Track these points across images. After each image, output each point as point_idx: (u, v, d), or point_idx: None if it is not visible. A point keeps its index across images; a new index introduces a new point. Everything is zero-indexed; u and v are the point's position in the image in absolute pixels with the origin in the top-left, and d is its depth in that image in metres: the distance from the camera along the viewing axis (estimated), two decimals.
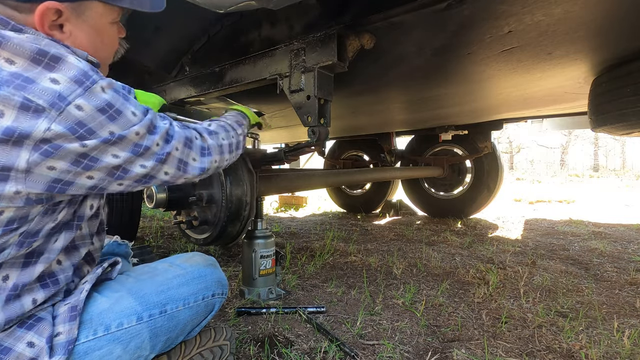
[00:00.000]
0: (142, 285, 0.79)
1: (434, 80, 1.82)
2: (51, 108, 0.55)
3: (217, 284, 0.91)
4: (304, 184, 2.15)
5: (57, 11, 0.65)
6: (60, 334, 0.64)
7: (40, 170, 0.56)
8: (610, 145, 26.57)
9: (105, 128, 0.61)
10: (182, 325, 0.82)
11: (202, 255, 0.96)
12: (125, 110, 0.64)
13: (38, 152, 0.55)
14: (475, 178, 3.65)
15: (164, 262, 0.91)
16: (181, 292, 0.82)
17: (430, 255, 2.28)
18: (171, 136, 0.74)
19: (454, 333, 1.27)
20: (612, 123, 1.55)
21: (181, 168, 0.77)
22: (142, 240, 2.72)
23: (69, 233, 0.69)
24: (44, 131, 0.54)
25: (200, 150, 0.82)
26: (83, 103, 0.58)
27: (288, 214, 4.41)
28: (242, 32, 1.59)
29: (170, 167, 0.74)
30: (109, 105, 0.61)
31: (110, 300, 0.73)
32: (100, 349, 0.68)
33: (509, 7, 1.07)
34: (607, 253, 2.37)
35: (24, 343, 0.61)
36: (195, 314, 0.85)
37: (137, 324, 0.73)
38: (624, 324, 1.34)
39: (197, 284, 0.86)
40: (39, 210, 0.61)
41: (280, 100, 2.01)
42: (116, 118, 0.62)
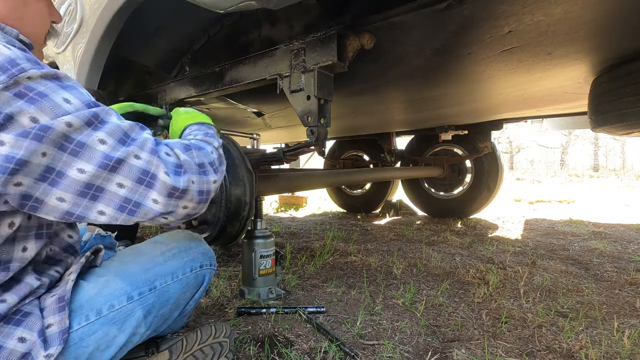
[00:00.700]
0: (127, 266, 0.79)
1: (434, 80, 1.82)
2: None
3: (204, 255, 0.91)
4: (303, 184, 2.15)
5: None
6: (51, 325, 0.64)
7: None
8: (610, 145, 26.57)
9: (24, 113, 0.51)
10: (174, 299, 0.82)
11: (185, 231, 0.97)
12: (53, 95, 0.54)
13: None
14: (475, 178, 3.65)
15: (148, 242, 0.91)
16: (168, 266, 0.82)
17: (430, 255, 2.28)
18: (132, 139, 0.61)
19: (454, 333, 1.27)
20: (612, 123, 1.55)
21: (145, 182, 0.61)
22: (142, 240, 2.72)
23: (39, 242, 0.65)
24: None
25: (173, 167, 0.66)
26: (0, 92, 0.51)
27: (288, 214, 4.41)
28: (242, 32, 1.59)
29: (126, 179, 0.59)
30: (30, 89, 0.53)
31: (97, 285, 0.72)
32: (95, 332, 0.68)
33: (509, 7, 1.07)
34: (607, 253, 2.37)
35: (14, 339, 0.60)
36: (185, 287, 0.85)
37: (128, 303, 0.73)
38: (624, 324, 1.34)
39: (183, 257, 0.86)
40: None
41: (280, 100, 2.01)
42: (38, 101, 0.53)
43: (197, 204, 0.70)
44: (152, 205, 0.63)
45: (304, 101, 1.31)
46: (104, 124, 0.58)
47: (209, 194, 0.72)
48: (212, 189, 0.73)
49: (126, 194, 0.60)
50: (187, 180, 0.67)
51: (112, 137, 0.58)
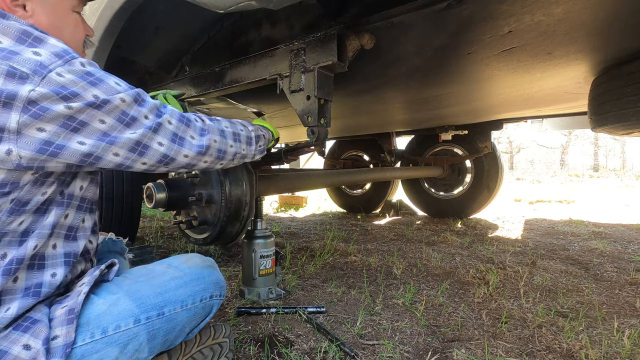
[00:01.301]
0: (139, 287, 0.78)
1: (434, 80, 1.82)
2: (34, 74, 0.60)
3: (215, 285, 0.90)
4: (304, 184, 2.15)
5: None
6: (57, 337, 0.64)
7: (31, 132, 0.60)
8: (610, 145, 26.57)
9: (88, 91, 0.64)
10: (180, 327, 0.82)
11: (200, 256, 0.96)
12: (107, 79, 0.68)
13: (27, 113, 0.59)
14: (475, 178, 3.65)
15: (161, 263, 0.90)
16: (179, 294, 0.82)
17: (430, 255, 2.28)
18: (162, 112, 0.77)
19: (454, 333, 1.27)
20: (612, 123, 1.55)
21: (176, 141, 0.78)
22: (142, 240, 2.72)
23: (59, 209, 0.71)
24: (29, 92, 0.59)
25: (199, 131, 0.84)
26: (63, 71, 0.63)
27: (288, 214, 4.41)
28: (242, 32, 1.59)
29: (164, 139, 0.76)
30: (89, 74, 0.66)
31: (107, 303, 0.72)
32: (97, 352, 0.67)
33: (509, 7, 1.07)
34: (607, 253, 2.37)
35: (19, 346, 0.61)
36: (193, 316, 0.85)
37: (134, 326, 0.73)
38: (624, 324, 1.34)
39: (195, 286, 0.85)
40: (30, 179, 0.64)
41: (280, 100, 2.01)
42: (97, 84, 0.66)
43: (215, 159, 0.89)
44: (182, 159, 0.81)
45: (304, 101, 1.31)
46: (145, 102, 0.74)
47: (225, 153, 0.92)
48: (228, 151, 0.92)
49: (165, 150, 0.77)
50: (209, 139, 0.86)
51: (152, 113, 0.74)
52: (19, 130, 0.59)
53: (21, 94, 0.58)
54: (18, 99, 0.58)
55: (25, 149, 0.60)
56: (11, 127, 0.58)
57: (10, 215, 0.63)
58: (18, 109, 0.58)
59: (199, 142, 0.83)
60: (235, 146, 0.95)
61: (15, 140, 0.59)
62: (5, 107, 0.58)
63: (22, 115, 0.58)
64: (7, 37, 0.63)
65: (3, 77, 0.58)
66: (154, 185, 1.40)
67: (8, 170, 0.61)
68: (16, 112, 0.58)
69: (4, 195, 0.62)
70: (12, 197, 0.63)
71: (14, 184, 0.62)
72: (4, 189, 0.61)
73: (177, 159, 0.80)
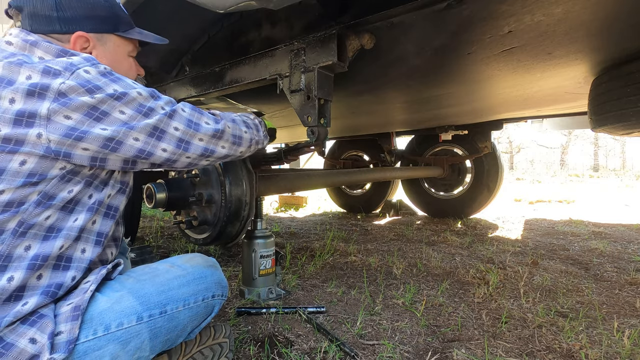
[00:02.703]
0: (142, 285, 0.79)
1: (434, 80, 1.82)
2: (65, 71, 0.69)
3: (218, 285, 0.91)
4: (304, 184, 2.15)
5: (86, 40, 0.84)
6: (61, 332, 0.65)
7: (59, 119, 0.66)
8: (610, 145, 26.57)
9: (109, 86, 0.73)
10: (182, 326, 0.82)
11: (202, 256, 0.96)
12: (125, 79, 0.77)
13: (57, 102, 0.66)
14: (475, 178, 3.65)
15: (164, 262, 0.91)
16: (181, 292, 0.82)
17: (430, 255, 2.28)
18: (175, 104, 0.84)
19: (454, 333, 1.27)
20: (612, 123, 1.55)
21: (192, 126, 0.84)
22: (142, 240, 2.72)
23: (89, 214, 0.75)
24: (60, 84, 0.67)
25: (212, 118, 0.91)
26: (90, 69, 0.72)
27: (288, 214, 4.41)
28: (242, 32, 1.59)
29: (180, 124, 0.81)
30: (110, 73, 0.75)
31: (111, 300, 0.73)
32: (99, 348, 0.68)
33: (509, 7, 1.07)
34: (607, 253, 2.37)
35: (26, 339, 0.62)
36: (195, 315, 0.85)
37: (137, 324, 0.73)
38: (624, 324, 1.34)
39: (197, 285, 0.86)
40: (57, 174, 0.69)
41: (280, 100, 2.01)
42: (117, 81, 0.74)
43: (232, 145, 0.95)
44: (199, 143, 0.86)
45: (304, 101, 1.31)
46: (160, 97, 0.81)
47: (241, 139, 0.98)
48: (243, 136, 0.99)
49: (181, 135, 0.82)
50: (224, 124, 0.92)
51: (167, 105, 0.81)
52: (49, 117, 0.65)
53: (53, 86, 0.66)
54: (50, 90, 0.66)
55: (54, 133, 0.66)
56: (42, 113, 0.65)
57: (37, 207, 0.67)
58: (50, 99, 0.66)
59: (214, 126, 0.89)
60: (249, 132, 1.02)
61: (45, 125, 0.65)
62: (39, 97, 0.65)
63: (53, 103, 0.66)
64: (49, 54, 0.75)
65: (40, 73, 0.67)
66: (154, 185, 1.40)
67: (39, 158, 0.66)
68: (48, 101, 0.66)
69: (32, 185, 0.66)
70: (39, 189, 0.67)
71: (42, 175, 0.67)
72: (33, 178, 0.66)
73: (193, 143, 0.84)
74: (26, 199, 0.66)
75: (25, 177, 0.65)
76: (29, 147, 0.65)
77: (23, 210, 0.65)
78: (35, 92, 0.65)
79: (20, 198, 0.65)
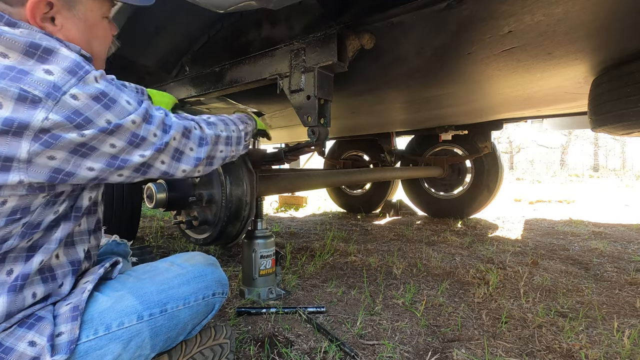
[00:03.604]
0: (143, 284, 0.79)
1: (434, 80, 1.82)
2: (47, 98, 0.56)
3: (218, 283, 0.91)
4: (304, 184, 2.15)
5: (49, 4, 0.67)
6: (62, 333, 0.65)
7: (41, 160, 0.58)
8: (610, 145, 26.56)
9: (102, 116, 0.62)
10: (182, 324, 0.82)
11: (202, 254, 0.96)
12: (120, 99, 0.66)
13: (38, 142, 0.56)
14: (475, 178, 3.65)
15: (164, 261, 0.91)
16: (182, 291, 0.82)
17: (430, 255, 2.28)
18: (169, 126, 0.77)
19: (454, 333, 1.27)
20: (612, 123, 1.55)
21: (176, 157, 0.79)
22: (142, 240, 2.72)
23: (68, 224, 0.71)
24: (42, 120, 0.56)
25: (198, 140, 0.85)
26: (78, 92, 0.60)
27: (288, 214, 4.41)
28: (242, 32, 1.59)
29: (167, 156, 0.77)
30: (103, 94, 0.63)
31: (111, 300, 0.73)
32: (100, 348, 0.68)
33: (509, 7, 1.07)
34: (607, 253, 2.37)
35: (25, 342, 0.61)
36: (195, 313, 0.85)
37: (137, 323, 0.73)
38: (624, 324, 1.34)
39: (197, 283, 0.86)
40: (41, 202, 0.63)
41: (280, 100, 2.01)
42: (111, 106, 0.64)
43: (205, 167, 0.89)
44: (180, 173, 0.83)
45: (304, 101, 1.31)
46: (152, 118, 0.73)
47: (214, 159, 0.91)
48: (217, 156, 0.92)
49: (165, 169, 0.78)
50: (207, 150, 0.87)
51: (159, 129, 0.74)
52: (29, 160, 0.57)
53: (33, 124, 0.55)
54: (30, 129, 0.55)
55: (36, 177, 0.58)
56: (21, 157, 0.56)
57: (22, 239, 0.63)
58: (29, 138, 0.55)
59: (196, 154, 0.84)
60: (226, 150, 0.96)
61: (26, 169, 0.57)
62: (16, 136, 0.55)
63: (33, 144, 0.56)
64: (14, 51, 0.58)
65: (14, 102, 0.54)
66: (154, 185, 1.40)
67: (19, 197, 0.59)
68: (27, 141, 0.55)
69: (16, 221, 0.60)
70: (23, 222, 0.62)
71: (25, 210, 0.61)
72: (15, 215, 0.60)
73: (175, 174, 0.82)
74: (10, 235, 0.61)
75: (6, 217, 0.59)
76: (8, 191, 0.58)
77: (7, 246, 0.61)
78: (10, 132, 0.54)
79: (3, 235, 0.60)
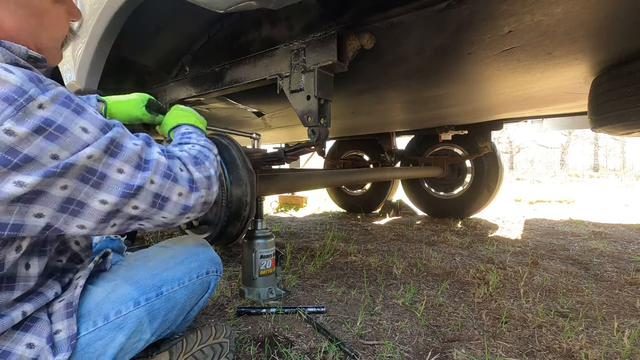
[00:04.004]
0: (136, 270, 0.79)
1: (434, 80, 1.82)
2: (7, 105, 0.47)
3: (211, 261, 0.91)
4: (304, 184, 2.15)
5: None
6: (59, 331, 0.64)
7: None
8: (610, 145, 26.57)
9: (45, 152, 0.50)
10: (180, 305, 0.83)
11: (193, 236, 0.97)
12: (72, 126, 0.53)
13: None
14: (475, 178, 3.65)
15: (155, 246, 0.92)
16: (175, 272, 0.83)
17: (430, 255, 2.28)
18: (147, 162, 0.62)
19: (454, 333, 1.27)
20: (612, 123, 1.55)
21: (157, 204, 0.64)
22: (142, 240, 2.72)
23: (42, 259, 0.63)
24: None
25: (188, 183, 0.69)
26: (13, 126, 0.48)
27: (288, 214, 4.41)
28: (242, 32, 1.59)
29: (142, 203, 0.62)
30: (48, 123, 0.50)
31: (106, 290, 0.73)
32: (101, 338, 0.68)
33: (509, 7, 1.07)
34: (607, 253, 2.37)
35: (22, 345, 0.60)
36: (191, 293, 0.85)
37: (135, 309, 0.73)
38: (624, 324, 1.34)
39: (190, 263, 0.86)
40: None
41: (280, 100, 2.01)
42: (59, 137, 0.51)
43: (198, 213, 0.74)
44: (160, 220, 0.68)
45: (304, 101, 1.31)
46: (121, 148, 0.59)
47: (209, 204, 0.76)
48: (212, 200, 0.77)
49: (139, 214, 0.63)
50: (198, 197, 0.71)
51: (129, 164, 0.59)
52: None
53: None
54: None
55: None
56: None
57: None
58: None
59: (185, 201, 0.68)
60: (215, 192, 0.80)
61: None
62: None
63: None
64: None
65: None
66: None
67: None
68: None
69: None
70: None
71: None
72: None
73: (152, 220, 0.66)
74: None
75: None
76: None
77: None
78: None
79: None
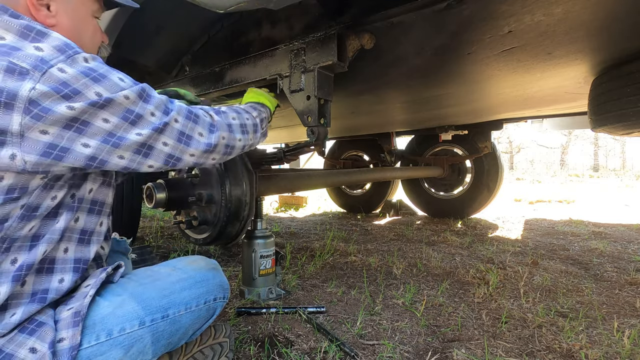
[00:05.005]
0: (144, 289, 0.78)
1: (434, 80, 1.82)
2: (34, 70, 0.58)
3: (219, 288, 0.90)
4: (304, 184, 2.15)
5: None
6: (63, 339, 0.64)
7: (34, 135, 0.58)
8: (610, 145, 26.56)
9: (90, 89, 0.62)
10: (184, 329, 0.82)
11: (204, 258, 0.96)
12: (111, 75, 0.66)
13: (29, 115, 0.57)
14: (475, 178, 3.65)
15: (166, 265, 0.90)
16: (183, 296, 0.82)
17: (430, 255, 2.27)
18: (169, 108, 0.74)
19: (454, 333, 1.27)
20: (612, 123, 1.55)
21: (183, 141, 0.76)
22: (142, 240, 2.72)
23: (70, 213, 0.70)
24: (29, 90, 0.56)
25: (208, 127, 0.82)
26: (65, 67, 0.61)
27: (288, 214, 4.41)
28: (242, 32, 1.59)
29: (170, 139, 0.73)
30: (92, 70, 0.64)
31: (113, 305, 0.72)
32: (102, 354, 0.67)
33: (509, 7, 1.07)
34: (607, 253, 2.37)
35: (26, 349, 0.60)
36: (196, 318, 0.85)
37: (139, 328, 0.73)
38: (624, 324, 1.34)
39: (199, 288, 0.85)
40: (39, 184, 0.63)
41: (280, 100, 2.01)
42: (100, 80, 0.64)
43: (222, 155, 0.87)
44: (190, 159, 0.79)
45: (304, 101, 1.31)
46: (150, 97, 0.71)
47: (233, 149, 0.90)
48: (236, 146, 0.90)
49: (170, 151, 0.74)
50: (219, 136, 0.83)
51: (158, 109, 0.72)
52: (22, 133, 0.57)
53: (22, 94, 0.56)
54: (19, 99, 0.56)
55: (30, 152, 0.58)
56: (14, 129, 0.56)
57: (21, 222, 0.62)
58: (19, 110, 0.56)
59: (207, 139, 0.81)
60: (244, 139, 0.93)
61: (19, 143, 0.57)
62: (7, 108, 0.56)
63: (24, 116, 0.56)
64: (10, 32, 0.62)
65: (2, 73, 0.56)
66: (154, 185, 1.40)
67: (16, 175, 0.59)
68: (18, 114, 0.56)
69: (13, 200, 0.60)
70: (22, 203, 0.61)
71: (23, 189, 0.61)
72: (13, 194, 0.60)
73: (183, 159, 0.77)
74: (9, 215, 0.61)
75: (4, 194, 0.59)
76: (4, 166, 0.58)
77: (7, 227, 0.61)
78: (1, 104, 0.55)
79: (2, 215, 0.60)
